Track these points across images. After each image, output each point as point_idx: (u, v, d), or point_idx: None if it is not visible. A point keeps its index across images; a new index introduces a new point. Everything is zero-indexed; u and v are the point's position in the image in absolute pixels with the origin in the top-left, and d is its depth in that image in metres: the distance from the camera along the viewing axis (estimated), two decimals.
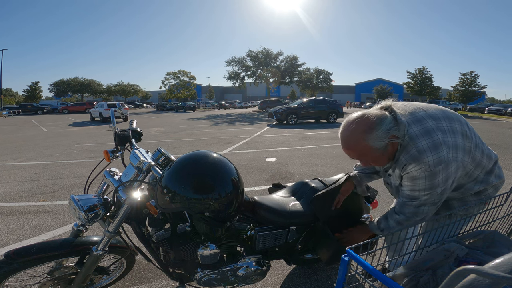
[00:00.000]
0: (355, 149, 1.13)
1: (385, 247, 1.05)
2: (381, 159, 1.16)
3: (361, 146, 1.10)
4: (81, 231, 1.47)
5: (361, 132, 1.09)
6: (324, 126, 13.39)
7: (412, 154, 1.10)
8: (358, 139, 1.10)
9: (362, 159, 1.18)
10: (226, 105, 48.71)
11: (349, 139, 1.13)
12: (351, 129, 1.12)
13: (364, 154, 1.14)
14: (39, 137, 10.42)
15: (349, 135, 1.13)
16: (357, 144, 1.11)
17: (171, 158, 1.49)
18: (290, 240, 1.65)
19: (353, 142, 1.12)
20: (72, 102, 44.11)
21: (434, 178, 1.09)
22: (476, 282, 0.51)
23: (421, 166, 1.08)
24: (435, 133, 1.11)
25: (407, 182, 1.17)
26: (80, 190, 3.99)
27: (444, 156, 1.08)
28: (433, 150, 1.08)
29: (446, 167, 1.08)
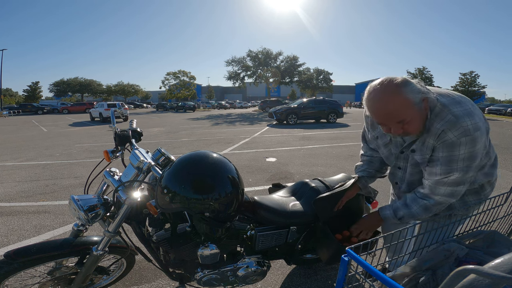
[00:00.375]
0: (393, 106, 1.02)
1: (385, 247, 1.05)
2: (417, 119, 1.06)
3: (398, 100, 1.01)
4: (81, 231, 1.47)
5: (395, 86, 1.01)
6: (324, 126, 13.38)
7: (448, 119, 1.04)
8: (394, 93, 1.01)
9: (399, 119, 1.05)
10: (226, 105, 48.70)
11: (384, 96, 1.02)
12: (382, 87, 1.03)
13: (402, 112, 1.03)
14: (39, 137, 10.42)
15: (382, 92, 1.03)
16: (394, 98, 1.01)
17: (171, 158, 1.49)
18: (290, 240, 1.65)
19: (389, 97, 1.02)
20: (72, 102, 44.10)
21: (475, 145, 1.03)
22: (476, 282, 0.51)
23: (460, 131, 1.02)
24: (465, 103, 1.08)
25: (443, 152, 1.08)
26: (80, 190, 3.99)
27: (479, 124, 1.03)
28: (469, 116, 1.03)
29: (481, 136, 1.04)
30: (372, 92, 1.06)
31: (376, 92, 1.04)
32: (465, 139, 1.02)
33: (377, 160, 1.53)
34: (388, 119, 1.06)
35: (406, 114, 1.03)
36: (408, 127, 1.07)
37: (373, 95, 1.06)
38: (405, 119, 1.04)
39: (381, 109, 1.05)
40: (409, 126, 1.07)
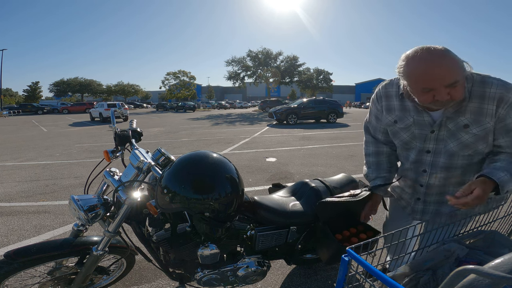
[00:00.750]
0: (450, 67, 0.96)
1: (385, 247, 1.05)
2: (463, 84, 1.02)
3: (452, 61, 0.97)
4: (81, 231, 1.47)
5: (445, 49, 0.98)
6: (324, 126, 13.39)
7: (498, 83, 1.04)
8: (446, 54, 0.97)
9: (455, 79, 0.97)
10: (226, 105, 48.73)
11: (440, 57, 0.97)
12: (432, 48, 0.98)
13: (458, 71, 0.97)
14: (39, 137, 10.42)
15: (433, 52, 0.98)
16: (447, 59, 0.96)
17: (171, 158, 1.49)
18: (290, 240, 1.65)
19: (445, 58, 0.96)
20: (72, 102, 44.14)
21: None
22: (476, 282, 0.51)
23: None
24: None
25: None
26: (80, 190, 3.99)
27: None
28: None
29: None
30: (419, 54, 0.99)
31: (427, 53, 0.98)
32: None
33: (384, 159, 1.43)
34: (440, 80, 0.97)
35: (458, 76, 0.97)
36: (455, 92, 1.00)
37: (422, 56, 0.98)
38: (457, 81, 0.98)
39: (435, 69, 0.96)
40: (456, 91, 1.00)
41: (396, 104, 1.26)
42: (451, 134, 1.14)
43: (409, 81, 1.04)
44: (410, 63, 1.01)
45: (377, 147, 1.44)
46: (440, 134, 1.16)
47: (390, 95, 1.29)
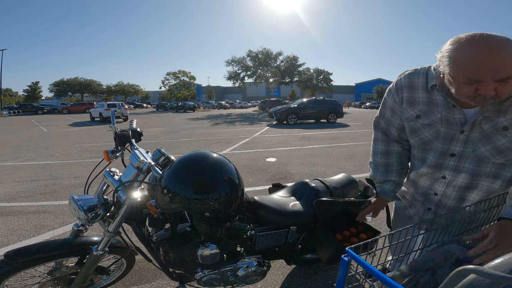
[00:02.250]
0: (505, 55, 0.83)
1: (385, 247, 1.05)
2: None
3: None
4: (81, 231, 1.47)
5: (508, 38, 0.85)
6: (324, 126, 13.39)
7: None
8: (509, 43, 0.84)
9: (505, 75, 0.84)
10: (226, 105, 48.74)
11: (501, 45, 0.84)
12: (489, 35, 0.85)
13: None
14: (39, 137, 10.42)
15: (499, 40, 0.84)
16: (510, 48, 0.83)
17: (171, 158, 1.49)
18: (290, 240, 1.65)
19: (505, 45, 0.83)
20: (72, 102, 44.15)
21: None
22: (476, 282, 0.51)
23: None
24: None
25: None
26: (80, 190, 3.99)
27: None
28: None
29: None
30: (475, 39, 0.84)
31: (484, 40, 0.83)
32: None
33: (394, 160, 1.30)
34: (493, 72, 0.84)
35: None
36: (503, 89, 0.86)
37: (477, 42, 0.84)
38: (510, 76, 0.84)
39: (492, 59, 0.82)
40: (505, 88, 0.86)
41: (422, 96, 1.10)
42: (485, 136, 1.00)
43: (455, 68, 0.88)
44: (462, 48, 0.86)
45: (388, 146, 1.30)
46: (471, 136, 1.02)
47: (415, 86, 1.12)
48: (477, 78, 0.86)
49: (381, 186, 1.33)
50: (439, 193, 1.18)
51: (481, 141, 1.02)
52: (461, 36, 0.88)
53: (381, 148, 1.32)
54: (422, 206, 1.26)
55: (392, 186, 1.31)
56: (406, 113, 1.16)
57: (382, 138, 1.32)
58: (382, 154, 1.32)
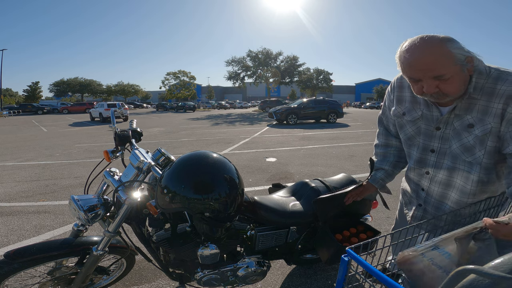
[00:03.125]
0: (435, 58, 0.90)
1: (385, 247, 1.05)
2: (458, 78, 0.93)
3: (442, 51, 0.90)
4: (81, 231, 1.47)
5: (439, 39, 0.92)
6: (324, 126, 13.39)
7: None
8: (438, 45, 0.90)
9: (438, 73, 0.92)
10: (226, 105, 48.74)
11: (427, 46, 0.91)
12: (425, 37, 0.93)
13: (443, 65, 0.91)
14: (39, 137, 10.42)
15: (426, 42, 0.92)
16: (437, 49, 0.90)
17: (171, 158, 1.49)
18: (290, 240, 1.65)
19: (431, 48, 0.91)
20: (72, 102, 44.16)
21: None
22: (476, 282, 0.51)
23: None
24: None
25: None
26: (80, 190, 3.99)
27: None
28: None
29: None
30: (410, 43, 0.95)
31: (416, 44, 0.93)
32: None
33: (392, 152, 1.38)
34: (424, 71, 0.93)
35: (446, 69, 0.91)
36: (445, 86, 0.94)
37: (411, 45, 0.94)
38: (444, 74, 0.91)
39: (419, 60, 0.92)
40: (446, 85, 0.94)
41: (408, 95, 1.20)
42: (456, 133, 1.06)
43: (401, 70, 1.00)
44: (402, 51, 0.97)
45: (387, 139, 1.39)
46: (446, 132, 1.09)
47: (404, 86, 1.21)
48: (414, 77, 0.96)
49: (374, 173, 1.41)
50: (425, 189, 1.23)
51: (454, 138, 1.07)
52: (405, 41, 0.98)
53: (381, 141, 1.42)
54: (415, 203, 1.30)
55: (383, 175, 1.39)
56: (395, 111, 1.26)
57: (383, 132, 1.42)
58: (381, 146, 1.42)
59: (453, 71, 0.92)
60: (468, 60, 0.93)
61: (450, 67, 0.91)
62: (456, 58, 0.91)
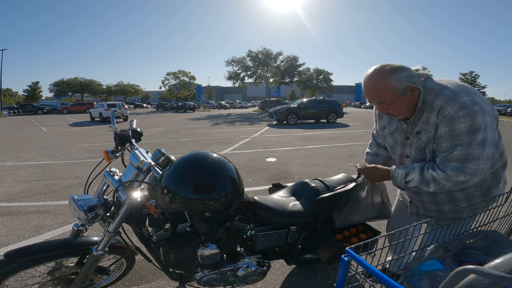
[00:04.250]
0: (376, 88, 1.17)
1: (385, 247, 1.05)
2: (399, 104, 1.18)
3: (381, 84, 1.15)
4: (81, 231, 1.47)
5: (383, 72, 1.15)
6: (324, 126, 13.39)
7: (446, 95, 1.12)
8: (379, 78, 1.16)
9: (380, 100, 1.19)
10: (226, 105, 48.75)
11: (371, 78, 1.18)
12: (374, 70, 1.18)
13: (383, 94, 1.17)
14: (39, 137, 10.42)
15: (371, 74, 1.18)
16: (378, 82, 1.16)
17: (171, 158, 1.49)
18: (290, 240, 1.65)
19: (374, 80, 1.17)
20: (72, 102, 44.13)
21: (473, 118, 1.06)
22: (476, 282, 0.51)
23: (458, 105, 1.08)
24: (465, 87, 1.16)
25: (445, 128, 1.12)
26: (80, 190, 3.99)
27: (478, 100, 1.09)
28: (467, 93, 1.11)
29: (482, 112, 1.07)
30: (366, 74, 1.21)
31: (369, 73, 1.19)
32: (463, 112, 1.07)
33: (380, 160, 1.57)
34: (371, 97, 1.22)
35: (386, 97, 1.17)
36: (390, 108, 1.21)
37: (366, 76, 1.21)
38: (385, 101, 1.18)
39: (366, 88, 1.21)
40: (390, 108, 1.20)
41: None
42: (415, 140, 1.28)
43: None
44: (363, 79, 1.23)
45: (378, 149, 1.60)
46: (412, 141, 1.29)
47: None
48: (369, 102, 1.25)
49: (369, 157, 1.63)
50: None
51: (414, 144, 1.29)
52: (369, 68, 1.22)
53: (373, 150, 1.63)
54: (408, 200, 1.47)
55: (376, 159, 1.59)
56: (378, 126, 1.52)
57: (374, 143, 1.62)
58: (372, 154, 1.62)
59: (393, 98, 1.16)
60: (410, 88, 1.15)
61: (389, 96, 1.16)
62: (394, 89, 1.14)
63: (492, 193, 1.25)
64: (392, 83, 1.14)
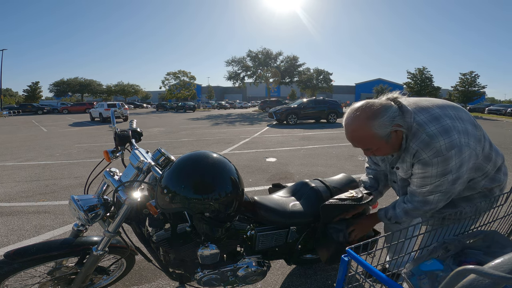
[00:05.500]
0: (359, 136, 1.13)
1: (385, 247, 1.05)
2: (384, 148, 1.16)
3: (365, 133, 1.10)
4: (81, 231, 1.47)
5: (365, 118, 1.09)
6: (324, 126, 13.38)
7: (423, 139, 1.08)
8: (362, 126, 1.10)
9: (366, 147, 1.17)
10: (226, 105, 48.74)
11: (353, 126, 1.13)
12: (355, 116, 1.12)
13: (368, 142, 1.13)
14: (39, 137, 10.42)
15: (353, 122, 1.12)
16: (361, 131, 1.11)
17: (171, 158, 1.49)
18: (290, 240, 1.65)
19: (357, 129, 1.12)
20: (72, 102, 44.10)
21: (447, 163, 1.07)
22: (476, 282, 0.51)
23: (433, 152, 1.06)
24: (443, 119, 1.10)
25: (418, 169, 1.14)
26: (80, 190, 3.99)
27: (456, 140, 1.06)
28: (444, 134, 1.06)
29: (459, 152, 1.06)
30: (347, 118, 1.16)
31: (349, 119, 1.15)
32: (437, 159, 1.07)
33: (381, 173, 1.55)
34: (355, 145, 1.19)
35: (372, 145, 1.15)
36: (377, 152, 1.20)
37: (347, 121, 1.16)
38: (371, 147, 1.16)
39: (350, 136, 1.17)
40: (377, 152, 1.19)
41: None
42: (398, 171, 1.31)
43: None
44: (344, 122, 1.19)
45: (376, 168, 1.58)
46: (399, 171, 1.30)
47: None
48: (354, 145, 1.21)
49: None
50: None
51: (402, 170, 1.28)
52: (348, 110, 1.17)
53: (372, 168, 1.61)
54: None
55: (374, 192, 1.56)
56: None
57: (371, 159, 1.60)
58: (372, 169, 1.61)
59: (378, 144, 1.14)
60: (394, 131, 1.11)
61: (375, 143, 1.13)
62: (378, 135, 1.10)
63: (494, 194, 1.25)
64: (376, 130, 1.09)
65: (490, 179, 1.23)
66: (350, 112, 1.14)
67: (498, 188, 1.26)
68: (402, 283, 0.96)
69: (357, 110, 1.12)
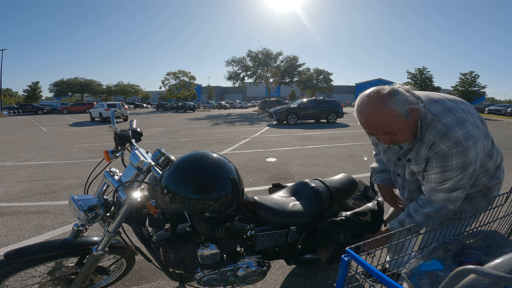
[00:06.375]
0: (378, 118, 1.05)
1: (385, 247, 1.05)
2: (404, 130, 1.07)
3: (384, 113, 1.03)
4: (81, 231, 1.47)
5: (382, 98, 1.03)
6: (324, 126, 13.39)
7: (439, 129, 1.05)
8: (381, 106, 1.03)
9: (385, 130, 1.07)
10: (226, 105, 48.75)
11: (371, 109, 1.05)
12: (370, 99, 1.05)
13: (387, 123, 1.05)
14: (39, 137, 10.42)
15: (369, 104, 1.05)
16: (380, 111, 1.03)
17: (171, 158, 1.49)
18: (290, 240, 1.65)
19: (375, 110, 1.04)
20: (72, 102, 44.13)
21: (466, 154, 1.03)
22: (476, 282, 0.51)
23: (451, 142, 1.03)
24: (456, 111, 1.09)
25: (436, 162, 1.09)
26: (80, 190, 3.99)
27: (471, 132, 1.04)
28: (460, 125, 1.04)
29: (475, 144, 1.04)
30: (360, 105, 1.10)
31: (363, 105, 1.08)
32: (457, 149, 1.04)
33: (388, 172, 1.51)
34: (375, 130, 1.10)
35: (392, 126, 1.06)
36: (396, 137, 1.10)
37: (361, 107, 1.09)
38: (391, 130, 1.07)
39: (368, 121, 1.09)
40: (397, 136, 1.09)
41: None
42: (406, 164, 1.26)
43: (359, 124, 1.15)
44: (356, 111, 1.12)
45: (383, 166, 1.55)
46: (404, 162, 1.27)
47: None
48: (369, 133, 1.16)
49: (379, 175, 1.56)
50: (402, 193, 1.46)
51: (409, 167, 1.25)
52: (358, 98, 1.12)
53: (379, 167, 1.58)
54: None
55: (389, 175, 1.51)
56: (372, 141, 1.50)
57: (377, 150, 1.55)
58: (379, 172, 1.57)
59: (399, 125, 1.06)
60: (411, 110, 1.05)
61: (395, 123, 1.05)
62: (399, 113, 1.03)
63: (493, 193, 1.25)
64: (395, 107, 1.02)
65: (490, 176, 1.23)
66: (363, 98, 1.08)
67: (497, 187, 1.26)
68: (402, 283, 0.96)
69: (370, 94, 1.06)
